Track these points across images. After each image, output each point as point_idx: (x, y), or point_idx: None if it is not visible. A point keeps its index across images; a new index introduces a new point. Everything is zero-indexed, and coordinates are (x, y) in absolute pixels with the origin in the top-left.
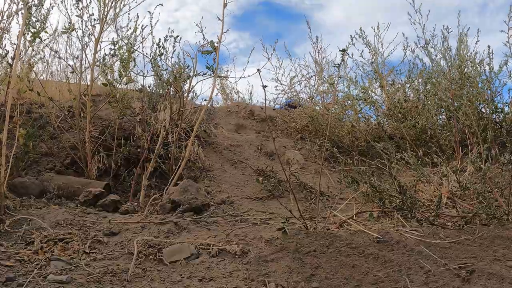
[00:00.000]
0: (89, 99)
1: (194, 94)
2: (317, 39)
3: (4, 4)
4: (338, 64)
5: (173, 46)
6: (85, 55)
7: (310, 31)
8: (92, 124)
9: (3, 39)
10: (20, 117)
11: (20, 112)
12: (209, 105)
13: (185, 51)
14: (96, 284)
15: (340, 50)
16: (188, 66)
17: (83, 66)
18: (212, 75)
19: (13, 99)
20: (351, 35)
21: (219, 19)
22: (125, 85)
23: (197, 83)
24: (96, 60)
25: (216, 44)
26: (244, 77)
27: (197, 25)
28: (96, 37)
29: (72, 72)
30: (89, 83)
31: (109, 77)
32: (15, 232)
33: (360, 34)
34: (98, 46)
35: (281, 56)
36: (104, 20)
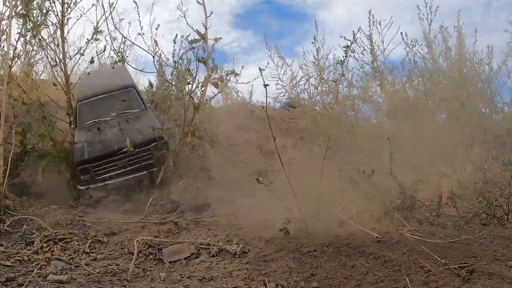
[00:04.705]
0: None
1: (195, 94)
2: (315, 40)
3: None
4: (341, 60)
5: (181, 43)
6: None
7: (316, 31)
8: None
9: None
10: (15, 121)
11: (19, 113)
12: (208, 105)
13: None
14: (96, 284)
15: (344, 47)
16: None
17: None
18: (212, 70)
19: (13, 101)
20: (353, 31)
21: (199, 3)
22: None
23: (207, 84)
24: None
25: (202, 32)
26: (250, 82)
27: (178, 8)
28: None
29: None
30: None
31: None
32: (15, 232)
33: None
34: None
35: (282, 55)
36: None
